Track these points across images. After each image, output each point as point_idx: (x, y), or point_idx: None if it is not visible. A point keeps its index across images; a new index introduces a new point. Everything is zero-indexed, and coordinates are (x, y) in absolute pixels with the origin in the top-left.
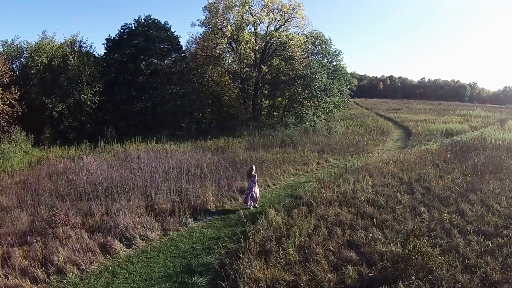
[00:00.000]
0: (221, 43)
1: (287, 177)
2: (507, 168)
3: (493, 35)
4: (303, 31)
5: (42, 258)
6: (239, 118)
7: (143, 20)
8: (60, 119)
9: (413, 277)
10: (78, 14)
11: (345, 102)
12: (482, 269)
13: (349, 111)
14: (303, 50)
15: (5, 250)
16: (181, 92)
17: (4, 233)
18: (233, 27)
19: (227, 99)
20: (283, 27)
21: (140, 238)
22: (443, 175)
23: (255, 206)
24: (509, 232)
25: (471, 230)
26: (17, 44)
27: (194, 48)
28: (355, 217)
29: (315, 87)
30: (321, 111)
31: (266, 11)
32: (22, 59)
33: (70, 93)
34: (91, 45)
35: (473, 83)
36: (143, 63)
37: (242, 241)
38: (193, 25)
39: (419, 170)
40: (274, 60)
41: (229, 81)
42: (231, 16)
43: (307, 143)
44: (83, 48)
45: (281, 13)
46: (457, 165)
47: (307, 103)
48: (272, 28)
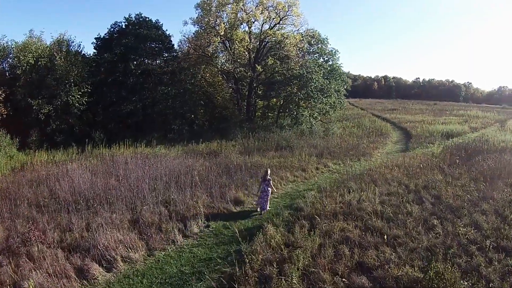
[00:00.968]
0: (214, 42)
1: (284, 185)
2: None
3: (488, 35)
4: (298, 29)
5: (12, 284)
6: (232, 119)
7: (133, 18)
8: (47, 121)
9: None
10: (66, 12)
11: (341, 102)
12: None
13: (345, 112)
14: (299, 49)
15: None
16: (172, 92)
17: None
18: (226, 25)
19: (220, 100)
20: (278, 25)
21: (122, 260)
22: (451, 182)
23: (264, 209)
24: None
25: (490, 246)
26: (4, 43)
27: (186, 47)
28: (363, 233)
29: (312, 87)
30: (317, 112)
31: (260, 9)
32: (9, 59)
33: (57, 94)
34: (80, 44)
35: (468, 83)
36: (133, 63)
37: (237, 265)
38: (185, 23)
39: (425, 176)
40: (269, 59)
41: (223, 81)
42: (225, 14)
43: (304, 146)
44: (71, 47)
45: (276, 11)
46: (464, 169)
47: (303, 104)
48: (266, 26)
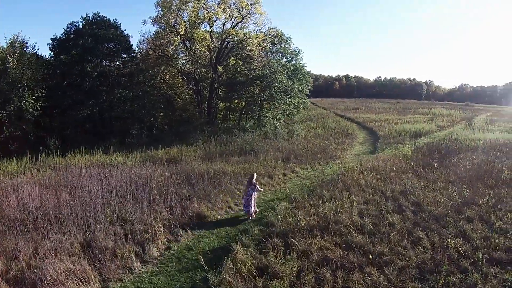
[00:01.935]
0: (174, 42)
1: None
2: (494, 173)
3: (449, 34)
4: (261, 28)
5: None
6: (193, 122)
7: (91, 18)
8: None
9: None
10: (21, 10)
11: (304, 103)
12: None
13: (308, 112)
14: (262, 48)
15: None
16: (130, 95)
17: None
18: (187, 24)
19: (180, 102)
20: (240, 24)
21: None
22: (428, 186)
23: (250, 214)
24: None
25: (483, 259)
26: None
27: (146, 48)
28: (344, 251)
29: (275, 88)
30: (281, 113)
31: (222, 7)
32: None
33: (10, 99)
34: (35, 45)
35: (429, 81)
36: (89, 64)
37: None
38: (145, 23)
39: (400, 180)
40: (230, 59)
41: (183, 83)
42: (185, 13)
43: (269, 150)
44: (26, 49)
45: (239, 9)
46: (439, 172)
47: (266, 105)
48: (228, 25)
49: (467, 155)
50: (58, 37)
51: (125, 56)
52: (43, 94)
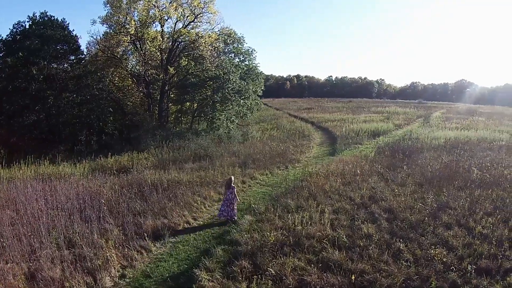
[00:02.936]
0: (124, 42)
1: (209, 207)
2: (462, 174)
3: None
4: (214, 28)
5: None
6: (144, 126)
7: (38, 17)
8: None
9: None
10: None
11: (258, 104)
12: None
13: (261, 113)
14: (214, 48)
15: None
16: (78, 99)
17: None
18: (137, 23)
19: (131, 105)
20: (193, 23)
21: None
22: (397, 190)
23: (231, 218)
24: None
25: (472, 270)
26: None
27: (95, 49)
28: (321, 272)
29: (229, 89)
30: (234, 115)
31: (174, 5)
32: None
33: None
34: None
35: (381, 79)
36: (36, 67)
37: None
38: (94, 22)
39: (366, 184)
40: (182, 60)
41: (133, 85)
42: (136, 12)
43: (224, 155)
44: None
45: (191, 8)
46: (405, 173)
47: (220, 106)
48: (180, 25)
49: (430, 155)
50: (3, 39)
51: (73, 57)
52: None
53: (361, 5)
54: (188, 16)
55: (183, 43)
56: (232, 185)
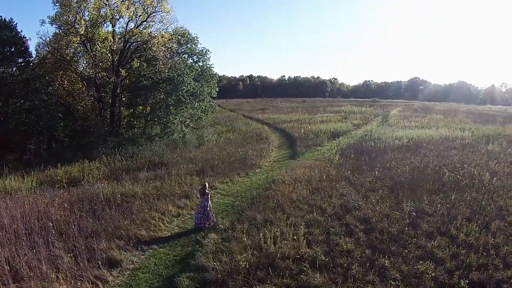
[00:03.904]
0: (74, 43)
1: (168, 223)
2: (433, 176)
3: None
4: (167, 28)
5: None
6: (95, 132)
7: None
8: None
9: None
10: None
11: (212, 106)
12: None
13: (215, 115)
14: (168, 49)
15: None
16: (26, 105)
17: None
18: (88, 23)
19: (81, 110)
20: (145, 23)
21: None
22: (368, 196)
23: (209, 224)
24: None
25: (464, 285)
26: None
27: (45, 51)
28: None
29: (183, 91)
30: (189, 118)
31: (126, 4)
32: None
33: None
34: None
35: (334, 78)
36: None
37: None
38: (43, 23)
39: (335, 190)
40: (134, 62)
41: (83, 89)
42: (86, 11)
43: (180, 162)
44: None
45: (144, 7)
46: (374, 177)
47: (174, 110)
48: (132, 24)
49: (395, 155)
50: None
51: (21, 60)
52: None
53: (310, 4)
54: (140, 15)
55: (135, 43)
56: (206, 191)
